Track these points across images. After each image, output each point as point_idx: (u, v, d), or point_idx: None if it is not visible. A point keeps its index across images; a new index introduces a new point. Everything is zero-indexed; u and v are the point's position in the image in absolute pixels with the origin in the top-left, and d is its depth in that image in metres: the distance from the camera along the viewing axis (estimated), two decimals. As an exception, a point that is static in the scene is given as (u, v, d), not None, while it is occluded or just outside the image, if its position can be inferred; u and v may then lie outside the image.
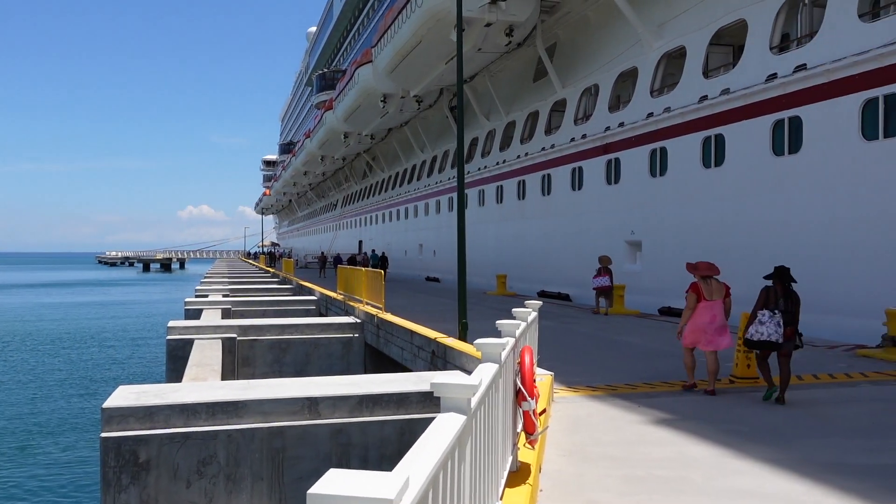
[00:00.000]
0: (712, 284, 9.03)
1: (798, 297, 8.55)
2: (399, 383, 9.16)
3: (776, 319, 8.22)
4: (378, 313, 16.18)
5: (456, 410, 2.42)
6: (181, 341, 15.87)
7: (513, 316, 5.52)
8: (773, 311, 8.30)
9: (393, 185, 54.76)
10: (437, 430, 2.16)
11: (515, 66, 33.00)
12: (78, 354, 30.76)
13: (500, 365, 3.73)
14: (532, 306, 6.34)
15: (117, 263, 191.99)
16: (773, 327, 8.18)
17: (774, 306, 8.34)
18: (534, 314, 6.21)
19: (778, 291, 8.43)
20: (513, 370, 4.37)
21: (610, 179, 23.96)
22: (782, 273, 8.53)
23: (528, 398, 4.25)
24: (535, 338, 6.79)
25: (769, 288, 8.52)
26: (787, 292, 8.44)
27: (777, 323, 8.20)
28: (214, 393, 8.49)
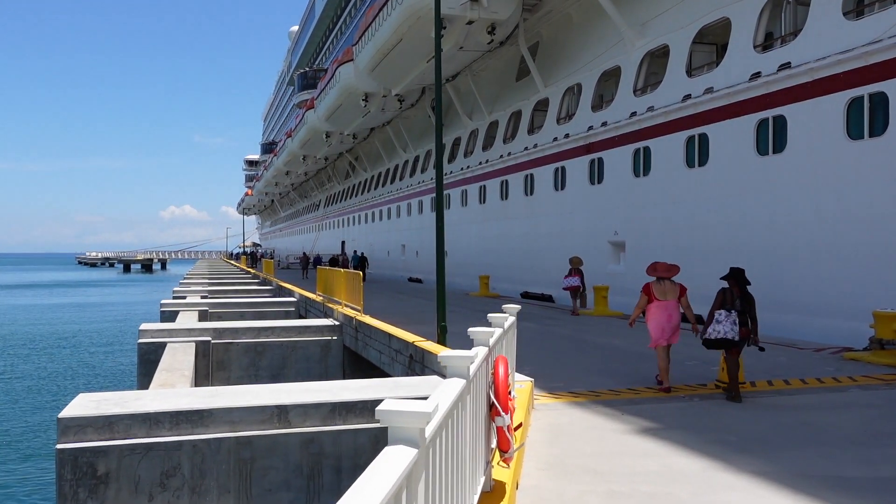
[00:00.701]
0: (665, 285, 9.40)
1: (753, 298, 8.85)
2: (374, 389, 8.80)
3: (732, 318, 8.53)
4: (356, 315, 15.81)
5: (406, 443, 2.08)
6: (153, 345, 15.41)
7: (489, 322, 5.18)
8: (728, 311, 8.61)
9: (375, 186, 54.33)
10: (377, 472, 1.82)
11: (498, 66, 32.72)
12: (47, 359, 29.63)
13: (468, 380, 3.39)
14: (510, 310, 6.01)
15: (97, 264, 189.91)
16: (729, 326, 8.48)
17: (731, 306, 8.65)
18: (511, 319, 5.89)
19: (734, 293, 8.75)
20: (486, 382, 4.04)
21: (593, 179, 23.72)
22: (737, 274, 8.86)
23: (501, 413, 3.91)
24: (514, 344, 6.46)
25: (725, 289, 8.84)
26: (743, 293, 8.76)
27: (733, 322, 8.50)
28: (179, 401, 8.09)
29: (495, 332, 4.39)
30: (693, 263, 18.84)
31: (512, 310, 6.06)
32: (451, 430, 3.05)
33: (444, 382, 3.18)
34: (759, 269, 16.66)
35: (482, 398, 3.90)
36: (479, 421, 3.77)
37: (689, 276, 19.12)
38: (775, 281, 16.09)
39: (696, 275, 18.75)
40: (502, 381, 4.00)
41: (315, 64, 76.11)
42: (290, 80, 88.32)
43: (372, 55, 32.19)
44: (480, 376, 3.80)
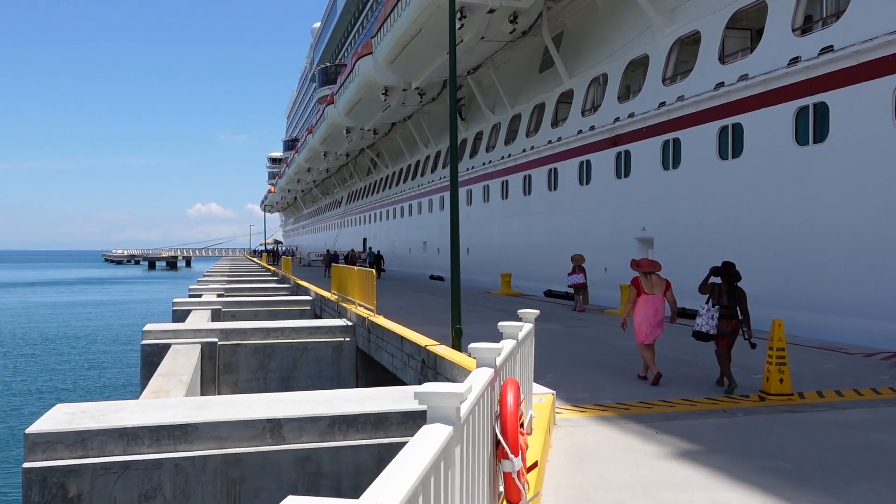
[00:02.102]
0: (652, 280, 9.65)
1: (743, 292, 9.06)
2: (378, 401, 7.97)
3: (711, 313, 8.87)
4: (369, 316, 15.01)
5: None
6: (157, 346, 14.74)
7: (500, 331, 4.32)
8: (711, 306, 8.95)
9: (397, 182, 53.56)
10: None
11: (521, 57, 31.75)
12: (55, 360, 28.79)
13: (455, 426, 2.54)
14: (526, 316, 5.16)
15: (123, 262, 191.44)
16: (707, 320, 8.85)
17: (717, 301, 8.95)
18: (527, 328, 5.03)
19: (723, 287, 9.02)
20: (490, 414, 3.19)
21: (619, 173, 22.71)
22: (728, 270, 9.09)
23: (510, 455, 3.06)
24: (530, 358, 5.58)
25: (715, 284, 9.14)
26: (732, 288, 8.99)
27: (711, 316, 8.84)
28: (162, 414, 7.32)
29: (504, 349, 3.54)
30: (724, 257, 17.78)
31: (528, 315, 5.19)
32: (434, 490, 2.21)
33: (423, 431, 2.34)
34: (798, 266, 15.62)
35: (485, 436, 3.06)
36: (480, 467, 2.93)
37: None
38: (815, 279, 15.05)
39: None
40: (511, 413, 3.16)
41: (337, 60, 75.50)
42: (312, 76, 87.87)
43: (391, 47, 31.35)
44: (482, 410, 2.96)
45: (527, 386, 5.08)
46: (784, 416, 7.31)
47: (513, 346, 3.91)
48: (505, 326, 4.28)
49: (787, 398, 7.96)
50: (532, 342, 5.64)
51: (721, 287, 9.04)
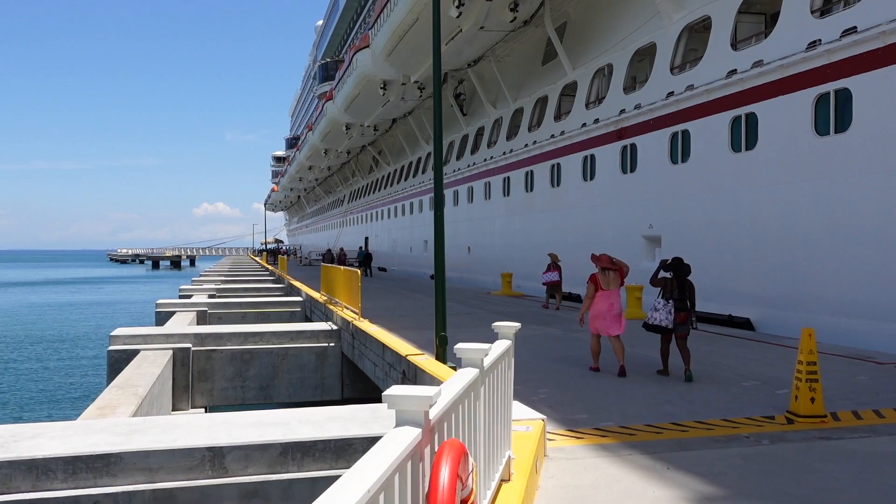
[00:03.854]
0: (609, 275, 9.91)
1: (693, 286, 9.52)
2: (342, 423, 6.86)
3: (668, 308, 9.22)
4: (354, 319, 13.90)
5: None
6: (124, 353, 13.67)
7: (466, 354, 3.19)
8: (666, 300, 9.30)
9: (398, 180, 52.45)
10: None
11: (523, 49, 30.61)
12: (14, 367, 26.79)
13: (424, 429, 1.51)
14: (503, 332, 4.05)
15: (128, 261, 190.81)
16: (665, 314, 9.19)
17: (670, 295, 9.33)
18: (499, 348, 3.91)
19: (674, 282, 9.38)
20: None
21: (625, 168, 21.54)
22: (677, 265, 9.45)
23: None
24: (507, 385, 4.43)
25: (665, 279, 9.50)
26: (682, 282, 9.38)
27: (669, 311, 9.21)
28: (83, 441, 6.22)
29: (442, 397, 2.42)
30: (739, 257, 16.67)
31: (506, 331, 4.07)
32: None
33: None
34: (819, 265, 14.44)
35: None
36: None
37: (735, 272, 17.01)
38: (837, 279, 13.88)
39: (742, 270, 16.62)
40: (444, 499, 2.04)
41: (339, 56, 74.45)
42: (315, 73, 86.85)
43: (388, 38, 30.23)
44: None
45: (501, 424, 3.97)
46: (819, 444, 6.16)
47: (461, 389, 2.79)
48: (464, 350, 3.17)
49: (820, 420, 6.81)
50: (510, 363, 4.52)
51: (672, 281, 9.40)
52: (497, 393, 3.75)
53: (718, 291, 17.19)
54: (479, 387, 3.12)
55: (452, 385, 2.61)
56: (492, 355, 3.52)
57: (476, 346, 3.16)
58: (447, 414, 2.47)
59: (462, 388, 2.76)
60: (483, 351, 3.14)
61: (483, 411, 3.23)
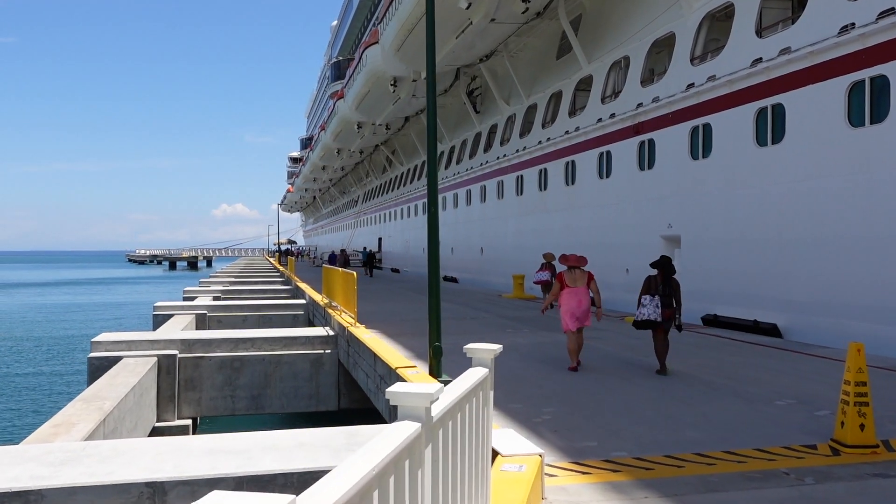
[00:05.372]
0: (576, 274, 10.39)
1: (678, 284, 9.94)
2: (312, 451, 5.92)
3: (655, 302, 9.58)
4: (349, 326, 12.97)
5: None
6: (106, 360, 12.81)
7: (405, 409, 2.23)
8: (653, 296, 9.65)
9: (411, 180, 51.57)
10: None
11: (537, 43, 29.60)
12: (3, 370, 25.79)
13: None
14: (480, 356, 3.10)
15: (146, 262, 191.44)
16: (653, 309, 9.54)
17: (655, 292, 9.70)
18: (470, 382, 2.94)
19: (659, 279, 9.77)
20: None
21: (643, 164, 20.48)
22: (664, 264, 9.85)
23: None
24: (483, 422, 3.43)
25: (651, 276, 9.88)
26: (667, 280, 9.79)
27: (656, 305, 9.56)
28: (6, 473, 5.32)
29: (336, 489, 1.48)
30: (765, 259, 15.57)
31: (483, 356, 3.10)
32: None
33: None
34: (853, 267, 13.34)
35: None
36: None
37: (761, 274, 15.89)
38: (875, 282, 12.76)
39: (769, 272, 15.49)
40: None
41: (352, 55, 73.73)
42: (327, 72, 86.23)
43: (396, 32, 29.32)
44: None
45: (471, 478, 3.01)
46: (874, 483, 5.13)
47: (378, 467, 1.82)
48: (400, 396, 2.20)
49: (871, 452, 5.78)
50: (488, 397, 3.55)
51: (657, 279, 9.77)
52: (462, 444, 2.79)
53: (743, 295, 16.11)
54: (421, 448, 2.18)
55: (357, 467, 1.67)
56: (448, 397, 2.56)
57: (419, 388, 2.20)
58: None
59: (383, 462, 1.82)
60: (428, 396, 2.18)
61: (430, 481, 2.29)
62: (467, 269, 37.05)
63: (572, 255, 10.60)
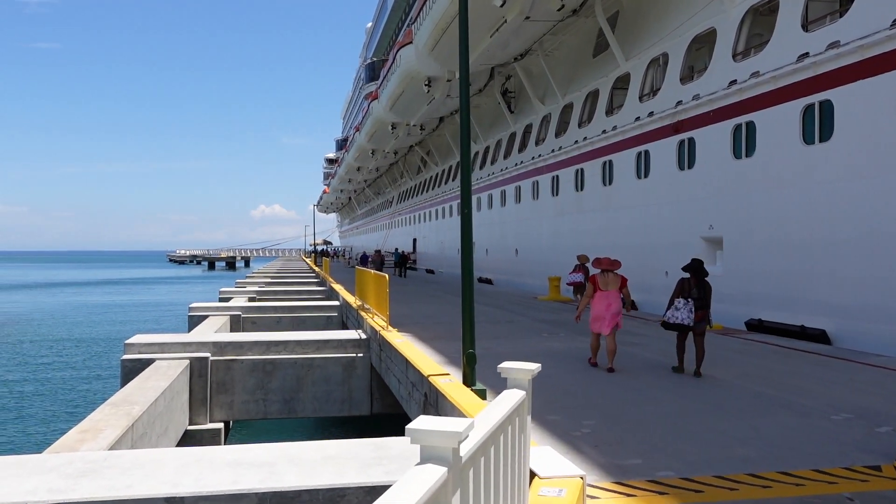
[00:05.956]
0: (608, 277, 10.39)
1: (710, 287, 9.95)
2: (337, 466, 5.65)
3: (689, 306, 9.62)
4: (381, 329, 12.71)
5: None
6: (139, 362, 12.74)
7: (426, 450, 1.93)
8: (686, 299, 9.71)
9: (445, 180, 51.30)
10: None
11: (572, 41, 29.12)
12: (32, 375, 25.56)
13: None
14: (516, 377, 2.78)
15: (185, 262, 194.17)
16: (686, 313, 9.60)
17: (688, 295, 9.75)
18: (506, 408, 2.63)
19: (692, 282, 9.81)
20: None
21: (682, 164, 19.93)
22: (696, 267, 9.85)
23: None
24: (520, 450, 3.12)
25: (683, 279, 9.94)
26: (700, 283, 9.81)
27: (689, 309, 9.61)
28: (19, 486, 5.15)
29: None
30: (812, 261, 14.96)
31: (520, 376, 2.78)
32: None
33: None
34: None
35: None
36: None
37: (808, 277, 15.27)
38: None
39: (817, 275, 14.87)
40: None
41: (387, 56, 73.75)
42: (362, 74, 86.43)
43: (430, 32, 29.06)
44: None
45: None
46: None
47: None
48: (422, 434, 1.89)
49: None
50: (524, 423, 3.22)
51: (690, 282, 9.83)
52: (497, 479, 2.48)
53: (788, 299, 15.51)
54: (447, 497, 1.88)
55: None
56: (480, 431, 2.25)
57: (445, 425, 1.89)
58: None
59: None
60: (455, 436, 1.87)
61: None
62: (502, 271, 36.68)
63: (605, 259, 10.64)
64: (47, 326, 41.28)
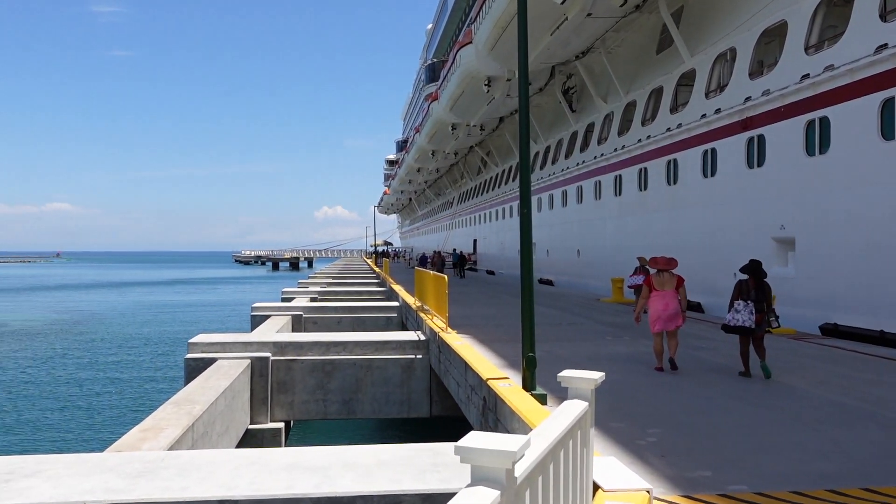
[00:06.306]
0: (664, 277, 10.34)
1: (770, 288, 9.75)
2: (393, 471, 5.51)
3: (749, 308, 9.48)
4: (440, 331, 12.58)
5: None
6: (202, 361, 12.91)
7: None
8: (746, 301, 9.56)
9: (506, 181, 51.02)
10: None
11: (635, 38, 28.52)
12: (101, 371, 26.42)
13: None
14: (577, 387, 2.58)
15: (250, 262, 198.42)
16: (747, 315, 9.46)
17: (748, 297, 9.58)
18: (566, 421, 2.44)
19: (751, 284, 9.64)
20: None
21: (752, 162, 19.25)
22: (755, 268, 9.70)
23: None
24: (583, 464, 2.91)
25: (742, 281, 9.78)
26: (759, 284, 9.64)
27: (750, 311, 9.47)
28: (79, 486, 5.17)
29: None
30: (893, 261, 14.22)
31: (582, 386, 2.58)
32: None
33: None
34: None
35: None
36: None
37: (889, 278, 14.50)
38: None
39: None
40: None
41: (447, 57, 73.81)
42: (422, 75, 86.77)
43: (490, 31, 28.87)
44: None
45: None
46: None
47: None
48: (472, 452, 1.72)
49: None
50: (587, 437, 3.02)
51: (748, 283, 9.64)
52: (556, 498, 2.27)
53: (866, 302, 14.78)
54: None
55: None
56: (537, 448, 2.05)
57: (498, 443, 1.71)
58: None
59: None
60: (509, 455, 1.70)
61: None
62: (563, 272, 36.23)
63: (661, 258, 10.55)
64: (118, 325, 42.60)
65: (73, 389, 22.98)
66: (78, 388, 23.13)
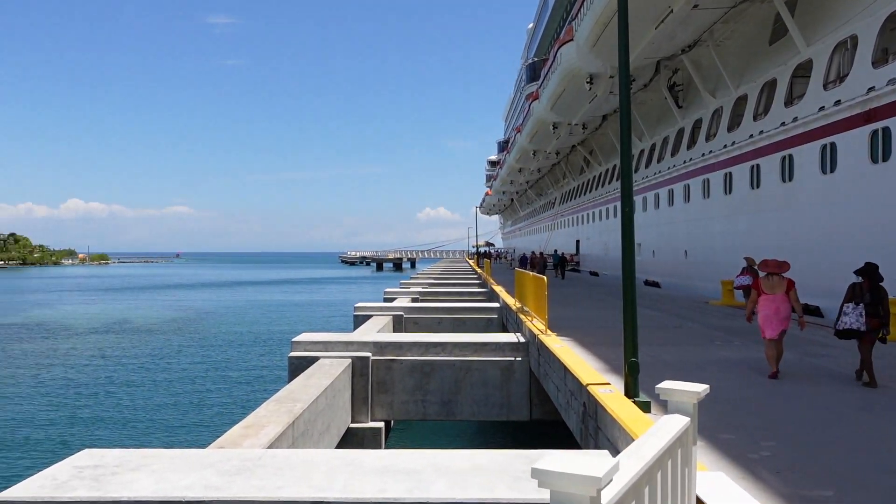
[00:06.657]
0: (773, 280, 10.06)
1: (885, 292, 9.27)
2: (486, 479, 5.36)
3: (858, 311, 9.09)
4: (540, 333, 12.33)
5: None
6: (305, 359, 13.18)
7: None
8: (856, 304, 9.14)
9: (609, 180, 49.95)
10: None
11: (745, 29, 27.27)
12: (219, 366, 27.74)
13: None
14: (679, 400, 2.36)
15: (356, 263, 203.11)
16: (856, 317, 9.09)
17: (860, 300, 9.18)
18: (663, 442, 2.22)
19: (864, 287, 9.22)
20: None
21: (876, 156, 18.00)
22: (870, 271, 9.31)
23: None
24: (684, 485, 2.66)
25: (855, 284, 9.37)
26: (874, 287, 9.21)
27: (859, 314, 9.08)
28: (180, 481, 5.28)
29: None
30: None
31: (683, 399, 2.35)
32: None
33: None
34: None
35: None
36: None
37: None
38: None
39: None
40: None
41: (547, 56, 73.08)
42: (523, 75, 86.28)
43: (591, 27, 28.25)
44: None
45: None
46: None
47: None
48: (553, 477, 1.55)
49: None
50: (689, 454, 2.77)
51: (863, 286, 9.30)
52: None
53: None
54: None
55: None
56: (629, 471, 1.84)
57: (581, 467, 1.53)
58: None
59: None
60: (594, 482, 1.51)
61: None
62: (670, 273, 35.10)
63: (772, 261, 10.35)
64: (229, 323, 44.41)
65: (186, 385, 24.04)
66: (190, 384, 24.19)
